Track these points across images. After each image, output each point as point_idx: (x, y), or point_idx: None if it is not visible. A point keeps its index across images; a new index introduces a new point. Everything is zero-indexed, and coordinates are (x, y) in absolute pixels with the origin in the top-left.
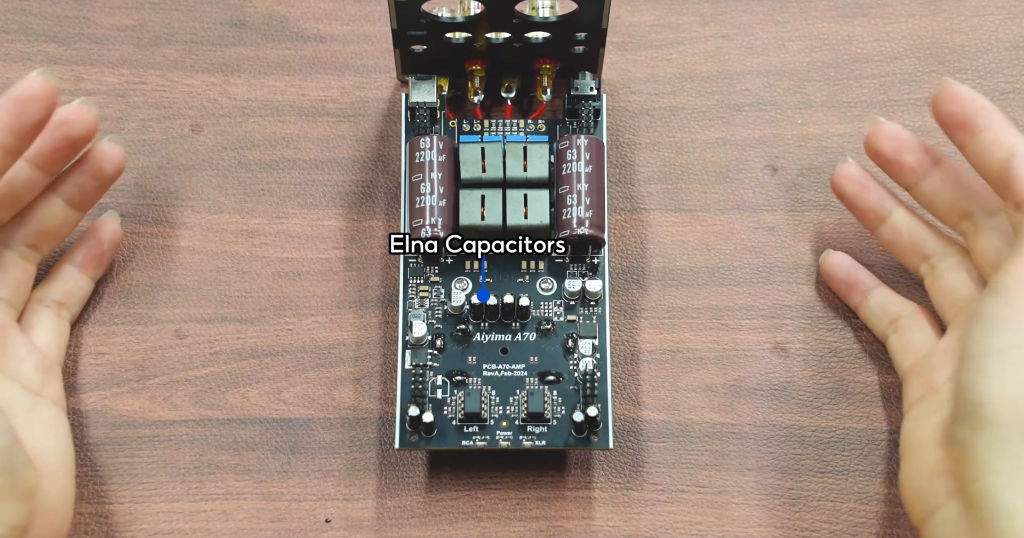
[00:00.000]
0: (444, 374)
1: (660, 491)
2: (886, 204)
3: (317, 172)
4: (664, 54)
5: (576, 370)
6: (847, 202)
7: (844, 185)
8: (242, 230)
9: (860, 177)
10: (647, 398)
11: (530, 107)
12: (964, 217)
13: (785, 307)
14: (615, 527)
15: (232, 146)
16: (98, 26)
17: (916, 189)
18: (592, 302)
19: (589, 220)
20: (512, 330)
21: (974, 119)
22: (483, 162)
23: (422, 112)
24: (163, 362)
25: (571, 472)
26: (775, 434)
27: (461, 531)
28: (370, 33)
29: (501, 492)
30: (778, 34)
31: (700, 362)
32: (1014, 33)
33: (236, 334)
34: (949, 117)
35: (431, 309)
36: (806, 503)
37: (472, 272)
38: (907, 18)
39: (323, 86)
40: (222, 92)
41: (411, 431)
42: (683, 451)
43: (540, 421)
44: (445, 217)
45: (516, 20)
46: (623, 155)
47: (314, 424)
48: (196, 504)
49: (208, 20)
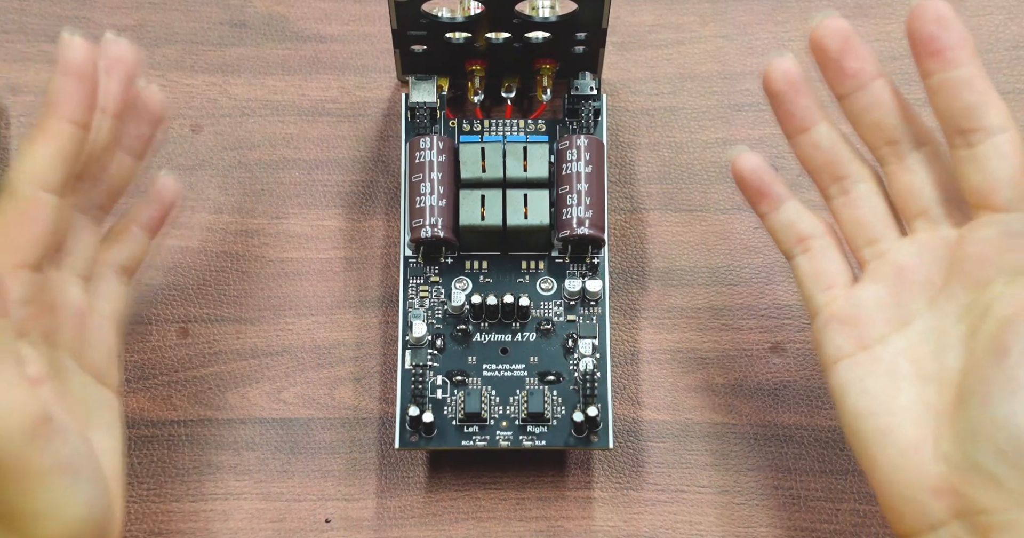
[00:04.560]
0: (444, 374)
1: (660, 491)
2: (813, 114)
3: (317, 172)
4: (664, 54)
5: (576, 370)
6: (775, 100)
7: (777, 80)
8: (242, 230)
9: (796, 76)
10: (647, 398)
11: (530, 107)
12: (889, 143)
13: (785, 307)
14: (615, 527)
15: (232, 146)
16: (98, 26)
17: (848, 100)
18: (592, 302)
19: (589, 220)
20: (512, 330)
21: (957, 51)
22: (483, 162)
23: (422, 112)
24: (163, 362)
25: (571, 472)
26: (775, 434)
27: (461, 531)
28: (370, 33)
29: (501, 492)
30: (778, 34)
31: (700, 362)
32: (1014, 33)
33: (236, 334)
34: (929, 39)
35: (431, 309)
36: (806, 503)
37: (472, 272)
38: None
39: (323, 86)
40: (222, 92)
41: (411, 431)
42: (683, 451)
43: (540, 421)
44: (445, 217)
45: (516, 20)
46: (623, 155)
47: (314, 424)
48: (196, 504)
49: (208, 20)
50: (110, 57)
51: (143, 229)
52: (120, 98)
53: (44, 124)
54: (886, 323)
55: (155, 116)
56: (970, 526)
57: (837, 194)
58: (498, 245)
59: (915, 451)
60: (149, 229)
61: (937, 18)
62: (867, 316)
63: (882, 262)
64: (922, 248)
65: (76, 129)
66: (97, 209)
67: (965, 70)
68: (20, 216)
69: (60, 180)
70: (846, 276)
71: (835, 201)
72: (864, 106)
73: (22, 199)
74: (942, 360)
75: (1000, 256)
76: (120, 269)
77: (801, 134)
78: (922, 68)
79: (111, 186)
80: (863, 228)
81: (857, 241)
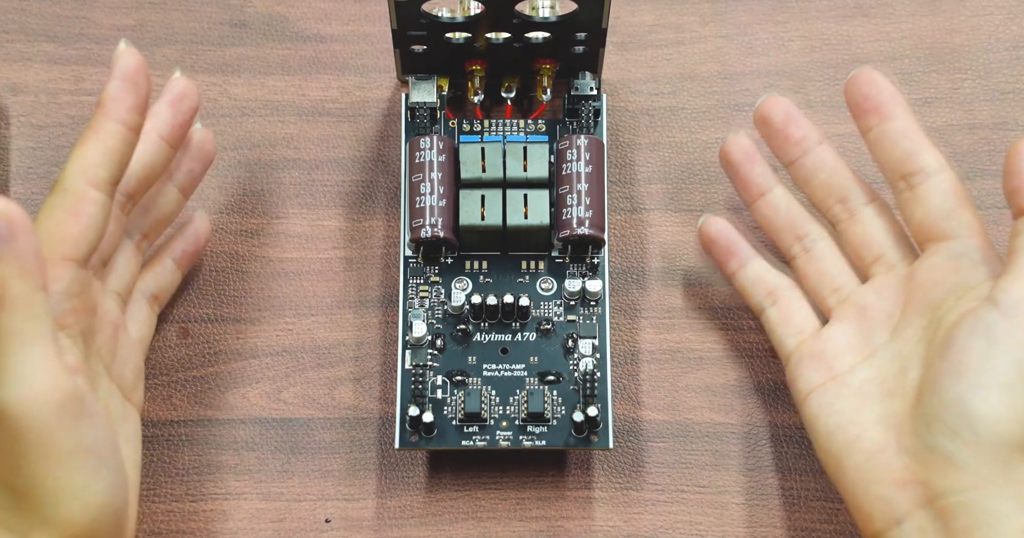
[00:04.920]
0: (444, 374)
1: (660, 491)
2: (768, 179)
3: (317, 172)
4: (664, 54)
5: (576, 370)
6: (731, 171)
7: (733, 153)
8: (242, 230)
9: (749, 148)
10: (647, 398)
11: (530, 107)
12: (840, 201)
13: None
14: (615, 527)
15: (232, 146)
16: (98, 26)
17: (796, 165)
18: (592, 302)
19: (589, 220)
20: (512, 330)
21: (888, 107)
22: (483, 162)
23: (422, 112)
24: (163, 362)
25: (571, 472)
26: (775, 434)
27: (461, 531)
28: (370, 33)
29: (501, 492)
30: (778, 34)
31: (700, 362)
32: (1014, 33)
33: (236, 334)
34: (864, 99)
35: (431, 309)
36: (806, 503)
37: (472, 272)
38: (907, 18)
39: (323, 86)
40: (222, 92)
41: (411, 431)
42: (683, 451)
43: (540, 421)
44: (445, 217)
45: (516, 20)
46: (623, 155)
47: (314, 424)
48: (196, 504)
49: (208, 20)
50: (176, 92)
51: (175, 262)
52: (180, 130)
53: (95, 124)
54: (853, 355)
55: (207, 156)
56: (933, 513)
57: (800, 252)
58: (498, 245)
59: (880, 452)
60: (180, 263)
61: (870, 81)
62: (835, 351)
63: (846, 305)
64: (880, 287)
65: (126, 130)
66: (141, 236)
67: (899, 122)
68: (69, 210)
69: (109, 178)
70: (814, 323)
71: (798, 259)
72: (811, 169)
73: (72, 194)
74: (905, 376)
75: (947, 278)
76: (151, 297)
77: (759, 199)
78: (861, 125)
79: (158, 216)
80: (827, 279)
81: (823, 291)
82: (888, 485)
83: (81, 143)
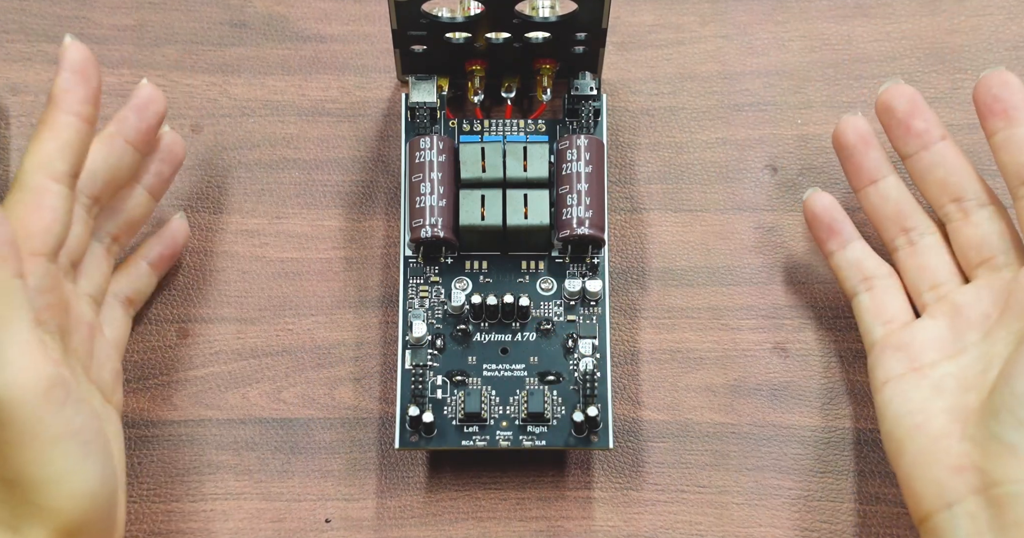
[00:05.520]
0: (444, 374)
1: (660, 491)
2: (882, 167)
3: (317, 172)
4: (664, 54)
5: (576, 370)
6: (845, 154)
7: (848, 135)
8: (242, 230)
9: (866, 132)
10: (647, 398)
11: (530, 107)
12: (954, 200)
13: (785, 307)
14: (615, 527)
15: (232, 146)
16: (98, 26)
17: (913, 158)
18: (592, 302)
19: (589, 220)
20: (512, 330)
21: (1019, 111)
22: (483, 162)
23: (422, 112)
24: (163, 362)
25: (571, 472)
26: (775, 434)
27: (461, 531)
28: (370, 33)
29: (501, 492)
30: (778, 34)
31: (700, 362)
32: (1014, 33)
33: (236, 334)
34: (994, 101)
35: (431, 309)
36: (806, 503)
37: (472, 272)
38: (907, 18)
39: (323, 86)
40: (222, 92)
41: (411, 431)
42: (683, 451)
43: (540, 421)
44: (445, 217)
45: (516, 20)
46: (623, 155)
47: (314, 424)
48: (196, 504)
49: (208, 20)
50: (142, 97)
51: (150, 265)
52: (146, 134)
53: (48, 118)
54: (939, 352)
55: (176, 159)
56: (986, 501)
57: (904, 244)
58: (498, 245)
59: (943, 438)
60: (156, 266)
61: (1002, 83)
62: (922, 345)
63: (942, 302)
64: (980, 289)
65: (80, 122)
66: (111, 239)
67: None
68: (31, 205)
69: (68, 170)
70: (907, 315)
71: (901, 251)
72: (929, 164)
73: (32, 189)
74: (986, 375)
75: None
76: (126, 300)
77: (869, 186)
78: (987, 127)
79: (127, 220)
80: (927, 274)
81: (921, 286)
82: (945, 469)
83: (36, 138)
